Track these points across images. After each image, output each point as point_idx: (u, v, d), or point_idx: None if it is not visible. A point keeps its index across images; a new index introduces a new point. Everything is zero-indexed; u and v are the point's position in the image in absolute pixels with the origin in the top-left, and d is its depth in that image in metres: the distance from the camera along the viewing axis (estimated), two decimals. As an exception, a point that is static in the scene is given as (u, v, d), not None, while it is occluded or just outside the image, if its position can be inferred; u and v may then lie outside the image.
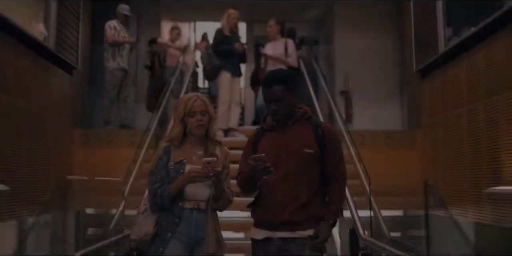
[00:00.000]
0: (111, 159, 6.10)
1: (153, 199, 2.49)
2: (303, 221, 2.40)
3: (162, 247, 2.45)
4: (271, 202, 2.45)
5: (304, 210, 2.41)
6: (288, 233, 2.41)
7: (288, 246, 2.39)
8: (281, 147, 2.47)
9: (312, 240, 2.36)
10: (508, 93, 4.22)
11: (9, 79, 4.64)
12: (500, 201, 4.32)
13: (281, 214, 2.40)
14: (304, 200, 2.41)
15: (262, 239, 2.46)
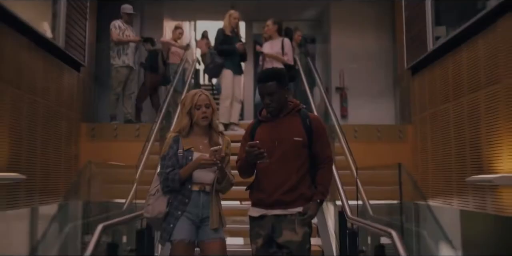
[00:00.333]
0: (116, 152, 6.40)
1: (165, 182, 2.83)
2: (294, 200, 2.74)
3: (172, 224, 2.78)
4: (266, 184, 2.78)
5: (294, 191, 2.74)
6: (280, 210, 2.75)
7: (280, 222, 2.74)
8: (274, 136, 2.81)
9: (301, 216, 2.70)
10: (489, 89, 4.55)
11: (25, 76, 4.97)
12: (480, 189, 4.66)
13: (274, 194, 2.74)
14: (294, 182, 2.75)
15: (258, 216, 2.80)
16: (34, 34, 5.11)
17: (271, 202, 2.75)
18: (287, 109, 2.86)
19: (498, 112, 4.40)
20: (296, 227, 2.67)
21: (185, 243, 2.74)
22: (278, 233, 2.71)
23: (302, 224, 2.70)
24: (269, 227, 2.74)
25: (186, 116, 2.92)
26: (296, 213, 2.71)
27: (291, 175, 2.75)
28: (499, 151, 4.36)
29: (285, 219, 2.72)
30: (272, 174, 2.76)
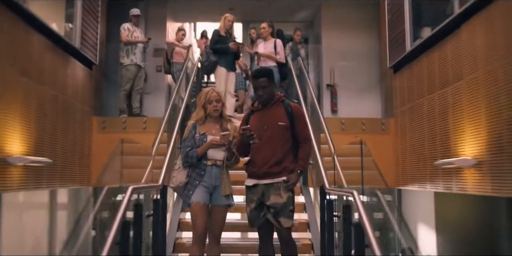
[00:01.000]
0: (125, 142, 7.04)
1: (186, 158, 3.58)
2: (279, 172, 3.45)
3: (192, 191, 3.55)
4: (257, 160, 3.50)
5: (280, 165, 3.46)
6: (269, 180, 3.46)
7: (269, 189, 3.44)
8: (263, 122, 3.53)
9: (285, 183, 3.39)
10: (455, 85, 5.23)
11: (47, 74, 5.62)
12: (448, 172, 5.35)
13: (264, 168, 3.45)
14: (279, 158, 3.46)
15: (252, 185, 3.50)
16: (55, 36, 5.76)
17: (261, 174, 3.44)
18: (273, 100, 3.58)
19: (462, 105, 5.08)
20: (281, 192, 3.38)
21: (201, 205, 3.49)
22: (267, 197, 3.41)
23: (286, 190, 3.41)
24: (260, 193, 3.43)
25: (201, 108, 3.70)
26: (281, 181, 3.41)
27: (277, 152, 3.45)
28: (462, 139, 5.04)
29: (272, 187, 3.42)
30: (262, 151, 3.46)
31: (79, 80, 6.70)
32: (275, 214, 3.35)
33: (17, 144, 4.81)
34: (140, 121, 7.25)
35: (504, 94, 4.27)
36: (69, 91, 6.29)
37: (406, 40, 6.60)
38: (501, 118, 4.30)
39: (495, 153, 4.41)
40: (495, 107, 4.41)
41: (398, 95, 7.16)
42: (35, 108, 5.27)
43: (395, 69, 7.21)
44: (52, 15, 6.51)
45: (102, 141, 7.16)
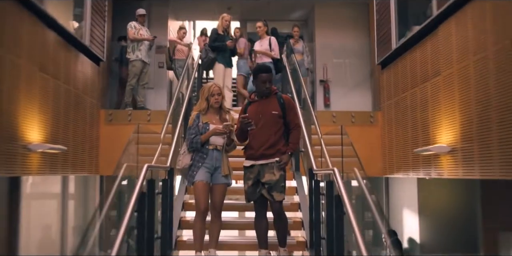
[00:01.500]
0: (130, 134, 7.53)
1: (190, 144, 4.11)
2: (273, 153, 4.00)
3: (195, 171, 4.07)
4: (254, 144, 4.04)
5: (273, 147, 4.01)
6: (264, 161, 4.01)
7: (264, 168, 3.99)
8: (259, 111, 4.07)
9: (278, 163, 3.91)
10: (433, 80, 5.75)
11: (61, 69, 6.12)
12: (427, 159, 5.88)
13: (260, 150, 4.00)
14: (273, 141, 4.01)
15: (249, 165, 4.03)
16: (68, 34, 6.25)
17: (258, 155, 3.98)
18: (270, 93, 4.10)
19: (439, 98, 5.61)
20: (274, 171, 3.92)
21: (203, 183, 4.02)
22: (262, 175, 3.95)
23: (279, 169, 3.95)
24: (257, 172, 3.97)
25: (204, 100, 4.23)
26: (274, 162, 3.93)
27: (271, 137, 4.00)
28: (439, 128, 5.57)
29: (267, 166, 3.96)
30: (258, 136, 4.00)
31: (88, 75, 7.19)
32: (269, 189, 3.89)
33: (36, 133, 5.31)
34: (145, 114, 7.74)
35: (474, 89, 4.79)
36: (80, 86, 6.78)
37: (392, 39, 7.12)
38: (471, 109, 4.83)
39: (466, 140, 4.94)
40: (467, 100, 4.93)
41: (385, 89, 7.68)
42: (51, 101, 5.77)
43: (383, 65, 7.72)
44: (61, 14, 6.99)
45: (109, 132, 7.65)
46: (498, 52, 4.33)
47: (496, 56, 4.36)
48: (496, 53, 4.36)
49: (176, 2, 9.79)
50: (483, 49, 4.59)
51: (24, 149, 5.04)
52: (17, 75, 4.96)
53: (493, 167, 4.42)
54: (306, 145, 4.93)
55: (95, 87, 7.50)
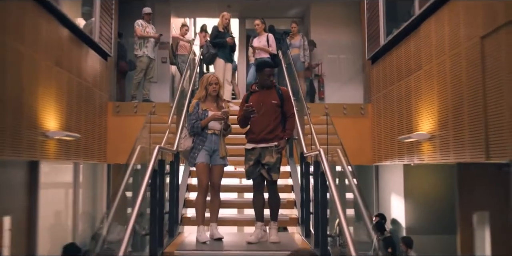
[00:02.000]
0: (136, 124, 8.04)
1: (192, 129, 4.62)
2: (272, 138, 4.54)
3: (196, 153, 4.60)
4: (255, 129, 4.57)
5: (272, 133, 4.54)
6: (264, 144, 4.54)
7: (264, 151, 4.52)
8: (261, 100, 4.59)
9: (276, 147, 4.45)
10: (416, 74, 6.27)
11: (74, 63, 6.64)
12: (410, 146, 6.41)
13: (261, 134, 4.53)
14: (272, 127, 4.55)
15: (251, 148, 4.57)
16: (79, 32, 6.76)
17: (259, 139, 4.52)
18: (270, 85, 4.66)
19: (421, 90, 6.13)
20: (273, 154, 4.48)
21: (204, 164, 4.54)
22: (263, 157, 4.49)
23: (277, 152, 4.52)
24: (258, 154, 4.50)
25: (203, 89, 4.73)
26: (273, 146, 4.48)
27: (270, 123, 4.54)
28: (421, 117, 6.10)
29: (267, 149, 4.51)
30: (259, 123, 4.54)
31: (97, 70, 7.71)
32: (268, 170, 4.45)
33: (53, 122, 5.84)
34: (149, 106, 8.25)
35: (449, 82, 5.32)
36: (90, 79, 7.30)
37: (381, 36, 7.63)
38: (447, 100, 5.36)
39: (443, 128, 5.47)
40: (444, 92, 5.46)
41: (374, 83, 8.21)
42: (66, 93, 6.29)
43: (373, 60, 8.25)
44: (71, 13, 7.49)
45: (116, 123, 8.17)
46: (469, 48, 4.85)
47: (467, 52, 4.89)
48: (467, 49, 4.88)
49: (178, 1, 10.29)
50: (457, 45, 5.11)
51: (43, 136, 5.57)
52: (36, 69, 5.47)
53: (465, 152, 4.95)
54: (299, 133, 5.46)
55: (103, 81, 8.02)
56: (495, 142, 4.38)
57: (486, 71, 4.54)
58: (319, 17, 10.13)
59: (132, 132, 7.81)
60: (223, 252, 4.24)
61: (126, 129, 8.02)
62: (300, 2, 10.37)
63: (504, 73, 4.21)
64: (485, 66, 4.55)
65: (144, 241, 4.09)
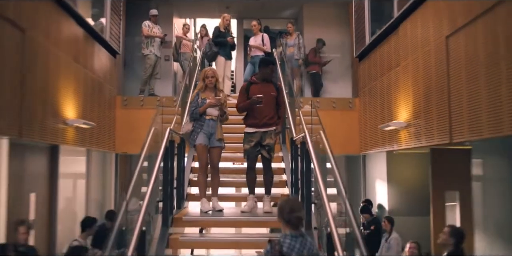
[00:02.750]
0: (142, 116, 8.76)
1: (191, 114, 5.32)
2: (271, 123, 5.28)
3: (195, 136, 5.29)
4: (258, 116, 5.25)
5: (272, 119, 5.28)
6: (265, 129, 5.26)
7: (265, 134, 5.25)
8: (262, 92, 5.30)
9: (275, 131, 5.22)
10: (395, 70, 7.02)
11: (88, 59, 7.36)
12: (390, 134, 7.16)
13: (263, 120, 5.23)
14: (272, 115, 5.28)
15: (252, 131, 5.28)
16: (93, 31, 7.49)
17: (261, 124, 5.25)
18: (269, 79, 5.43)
19: (399, 84, 6.88)
20: (272, 137, 5.22)
21: (203, 145, 5.25)
22: (263, 139, 5.22)
23: (275, 135, 5.28)
24: (259, 137, 5.23)
25: (202, 81, 5.45)
26: (273, 130, 5.25)
27: (270, 111, 5.29)
28: (399, 108, 6.85)
29: (267, 133, 5.25)
30: (262, 111, 5.25)
31: (107, 66, 8.44)
32: (268, 150, 5.19)
33: (71, 111, 6.56)
34: (154, 100, 8.97)
35: (421, 76, 6.07)
36: (101, 74, 8.03)
37: (366, 35, 8.38)
38: (420, 92, 6.11)
39: (416, 117, 6.22)
40: (417, 85, 6.21)
41: (361, 79, 8.96)
42: (82, 86, 7.02)
43: (360, 58, 9.00)
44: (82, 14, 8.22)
45: (124, 115, 8.88)
46: (436, 46, 5.60)
47: (435, 49, 5.64)
48: (435, 47, 5.63)
49: (180, 2, 11.02)
50: (427, 44, 5.86)
51: (63, 123, 6.30)
52: (58, 64, 6.20)
53: (433, 136, 5.71)
54: (290, 123, 6.21)
55: (112, 76, 8.75)
56: (456, 126, 5.13)
57: (450, 66, 5.29)
58: (312, 17, 10.86)
59: (139, 124, 8.59)
60: (222, 217, 4.99)
61: (133, 121, 8.73)
62: (294, 3, 11.11)
63: (463, 68, 4.96)
64: (449, 61, 5.31)
65: (158, 209, 4.83)
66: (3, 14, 4.72)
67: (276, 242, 3.04)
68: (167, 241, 4.55)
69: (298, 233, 3.18)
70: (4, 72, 4.78)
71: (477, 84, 4.67)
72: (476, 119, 4.67)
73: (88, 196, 8.34)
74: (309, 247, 3.16)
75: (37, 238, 5.92)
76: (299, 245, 3.12)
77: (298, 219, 3.18)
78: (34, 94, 5.43)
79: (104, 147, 8.23)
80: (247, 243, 4.63)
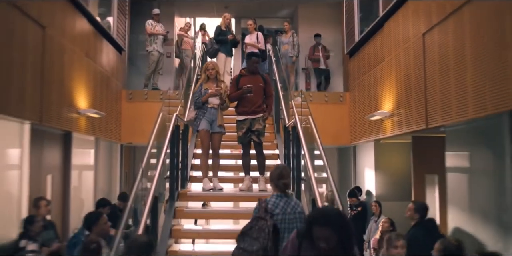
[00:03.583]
0: (146, 109, 9.35)
1: (195, 103, 5.92)
2: (260, 111, 5.86)
3: (198, 122, 5.89)
4: (248, 104, 5.84)
5: (259, 107, 5.86)
6: (254, 116, 5.85)
7: (254, 120, 5.83)
8: (251, 83, 5.88)
9: (262, 117, 5.80)
10: (381, 65, 7.64)
11: (97, 55, 7.96)
12: (375, 123, 7.77)
13: (252, 108, 5.82)
14: (259, 103, 5.87)
15: (243, 119, 5.87)
16: (102, 28, 8.09)
17: (250, 112, 5.84)
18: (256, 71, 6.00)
19: (384, 77, 7.50)
20: (261, 122, 5.80)
21: (205, 130, 5.86)
22: (253, 125, 5.81)
23: (263, 121, 5.83)
24: (249, 123, 5.82)
25: (204, 73, 6.06)
26: (261, 116, 5.81)
27: (258, 100, 5.86)
28: (384, 100, 7.46)
29: (256, 119, 5.83)
30: (251, 100, 5.84)
31: (114, 61, 9.04)
32: (257, 135, 5.78)
33: (83, 102, 7.16)
34: (158, 93, 9.57)
35: (403, 70, 6.68)
36: (109, 69, 8.63)
37: (355, 33, 9.01)
38: (401, 84, 6.73)
39: (398, 107, 6.84)
40: (399, 78, 6.83)
41: (351, 74, 9.58)
42: (92, 79, 7.62)
43: (350, 55, 9.62)
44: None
45: (129, 108, 9.48)
46: (415, 43, 6.22)
47: (414, 46, 6.26)
48: (414, 43, 6.25)
49: (181, 2, 11.62)
50: (407, 40, 6.48)
51: (76, 112, 6.89)
52: (72, 58, 6.80)
53: (412, 123, 6.32)
54: (284, 113, 6.83)
55: (119, 71, 9.35)
56: (431, 113, 5.75)
57: (426, 60, 5.91)
58: (307, 17, 11.49)
59: (143, 116, 9.20)
60: (221, 193, 5.62)
61: (137, 114, 9.32)
62: (289, 3, 11.73)
63: (437, 61, 5.58)
64: (425, 56, 5.93)
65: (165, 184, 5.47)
66: (28, 12, 5.33)
67: (263, 200, 3.65)
68: (174, 212, 5.17)
69: (284, 194, 3.79)
70: (27, 64, 5.39)
71: (448, 76, 5.29)
72: (447, 106, 5.29)
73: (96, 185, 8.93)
74: (293, 206, 3.76)
75: (52, 216, 6.50)
76: (283, 203, 3.72)
77: (284, 184, 3.80)
78: (51, 85, 6.03)
79: (111, 137, 8.82)
80: (243, 214, 5.22)
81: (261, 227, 3.41)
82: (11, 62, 4.99)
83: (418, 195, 7.50)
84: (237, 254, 3.44)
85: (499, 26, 4.27)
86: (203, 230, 5.89)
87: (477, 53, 4.66)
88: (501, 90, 4.22)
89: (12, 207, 5.53)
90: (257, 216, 3.53)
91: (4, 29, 4.85)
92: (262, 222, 3.44)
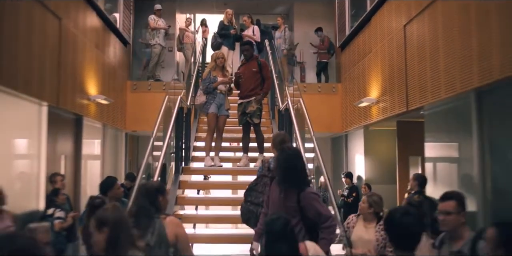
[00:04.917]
0: (150, 99, 9.93)
1: (205, 89, 6.51)
2: (253, 94, 6.45)
3: (208, 106, 6.48)
4: (242, 89, 6.46)
5: (252, 91, 6.45)
6: (247, 99, 6.44)
7: (248, 103, 6.42)
8: (245, 69, 6.49)
9: (256, 99, 6.38)
10: (369, 56, 8.24)
11: (106, 47, 8.56)
12: (364, 110, 8.38)
13: (245, 93, 6.43)
14: (252, 87, 6.46)
15: (240, 103, 6.47)
16: (109, 22, 8.69)
17: (243, 96, 6.45)
18: (252, 58, 6.58)
19: (371, 68, 8.11)
20: (253, 104, 6.38)
21: (214, 113, 6.45)
22: (246, 108, 6.41)
23: (256, 103, 6.41)
24: (243, 106, 6.42)
25: (213, 61, 6.65)
26: (253, 99, 6.40)
27: (251, 84, 6.46)
28: (371, 88, 8.07)
29: (248, 102, 6.41)
30: (244, 84, 6.46)
31: (120, 53, 9.63)
32: (250, 116, 6.37)
33: (93, 89, 7.76)
34: (161, 84, 10.14)
35: (387, 60, 7.29)
36: (115, 60, 9.22)
37: (346, 28, 9.62)
38: (386, 73, 7.33)
39: (384, 94, 7.45)
40: (384, 67, 7.43)
41: (343, 66, 10.20)
42: (101, 69, 8.22)
43: (342, 48, 10.23)
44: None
45: (133, 98, 10.05)
46: (397, 34, 6.83)
47: (396, 37, 6.87)
48: (396, 35, 6.86)
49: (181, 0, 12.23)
50: (391, 32, 7.09)
51: (87, 99, 7.49)
52: (84, 49, 7.40)
53: (395, 107, 6.93)
54: (279, 101, 7.43)
55: (124, 63, 9.95)
56: (410, 97, 6.36)
57: (407, 49, 6.52)
58: (301, 13, 12.10)
59: (146, 105, 9.79)
60: (221, 168, 6.25)
61: (141, 103, 9.90)
62: (285, 1, 12.34)
63: (415, 50, 6.19)
64: (406, 46, 6.54)
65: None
66: (47, 5, 5.92)
67: (266, 160, 4.26)
68: (179, 183, 5.77)
69: None
70: (46, 52, 5.98)
71: (424, 62, 5.90)
72: (423, 89, 5.90)
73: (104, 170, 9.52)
74: None
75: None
76: None
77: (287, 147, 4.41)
78: (67, 72, 6.62)
79: (117, 125, 9.41)
80: (241, 185, 5.84)
81: (265, 183, 4.02)
82: (31, 48, 5.58)
83: (402, 175, 8.11)
84: (245, 207, 4.05)
85: (466, 17, 4.88)
86: (205, 197, 6.53)
87: (448, 40, 5.27)
88: (467, 70, 4.83)
89: (31, 183, 6.12)
90: (261, 174, 4.15)
91: (26, 18, 5.45)
92: (266, 179, 4.05)
